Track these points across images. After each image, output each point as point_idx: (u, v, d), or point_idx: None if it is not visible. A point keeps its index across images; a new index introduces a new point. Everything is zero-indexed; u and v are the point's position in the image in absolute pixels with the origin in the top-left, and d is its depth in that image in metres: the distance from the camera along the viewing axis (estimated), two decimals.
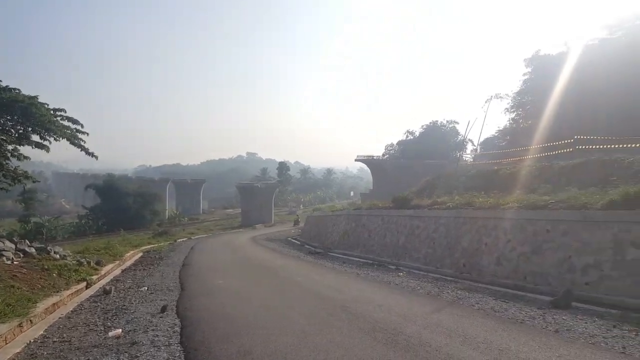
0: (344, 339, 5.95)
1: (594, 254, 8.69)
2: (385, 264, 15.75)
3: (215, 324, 7.02)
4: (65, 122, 15.98)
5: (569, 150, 22.06)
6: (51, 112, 15.60)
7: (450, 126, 73.77)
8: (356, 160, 71.58)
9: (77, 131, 16.25)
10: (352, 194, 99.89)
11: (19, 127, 15.29)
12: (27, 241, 13.96)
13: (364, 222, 19.94)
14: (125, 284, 12.05)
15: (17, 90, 15.27)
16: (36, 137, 15.41)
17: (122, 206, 52.00)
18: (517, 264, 10.43)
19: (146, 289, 11.01)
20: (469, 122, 46.83)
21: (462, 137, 60.70)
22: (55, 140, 15.63)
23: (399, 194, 19.90)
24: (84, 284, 10.87)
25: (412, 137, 76.64)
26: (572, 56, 31.86)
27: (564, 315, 7.38)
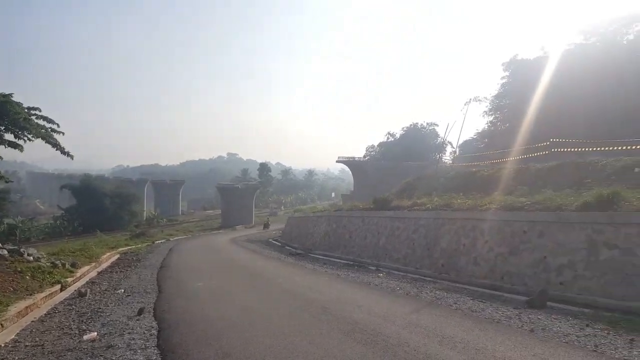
0: (323, 340, 5.96)
1: (568, 255, 8.88)
2: (365, 264, 15.82)
3: (193, 327, 6.94)
4: (40, 121, 15.62)
5: (545, 153, 22.53)
6: (25, 110, 15.23)
7: (430, 128, 74.70)
8: (337, 161, 71.83)
9: (52, 130, 15.90)
10: (333, 195, 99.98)
11: None
12: None
13: (344, 223, 19.99)
14: (101, 286, 11.83)
15: None
16: (10, 136, 15.03)
17: (99, 207, 51.29)
18: (495, 264, 10.60)
19: (123, 291, 10.84)
20: (448, 124, 47.40)
21: (442, 139, 61.45)
22: (29, 139, 15.27)
23: (379, 195, 20.04)
24: (58, 287, 10.63)
25: (392, 139, 77.32)
26: (549, 61, 32.60)
27: (539, 314, 7.53)
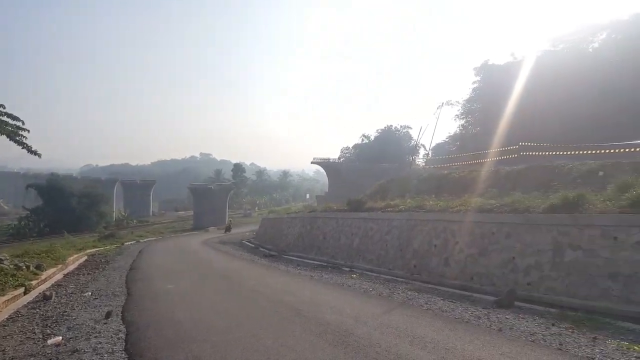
0: (295, 342, 5.93)
1: (535, 256, 9.13)
2: (339, 266, 15.87)
3: (163, 330, 6.80)
4: (4, 118, 15.02)
5: (515, 156, 23.15)
6: None
7: (404, 131, 75.73)
8: (312, 162, 71.92)
9: (17, 128, 15.32)
10: (308, 196, 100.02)
11: None
12: None
13: (319, 224, 20.01)
14: (67, 289, 11.50)
15: None
16: None
17: (66, 207, 50.09)
18: (465, 265, 10.79)
19: (90, 294, 10.57)
20: (421, 127, 48.44)
21: (415, 142, 62.33)
22: None
23: (353, 196, 20.13)
24: (21, 290, 10.28)
25: (367, 141, 77.99)
26: (520, 66, 33.51)
27: (507, 314, 7.70)
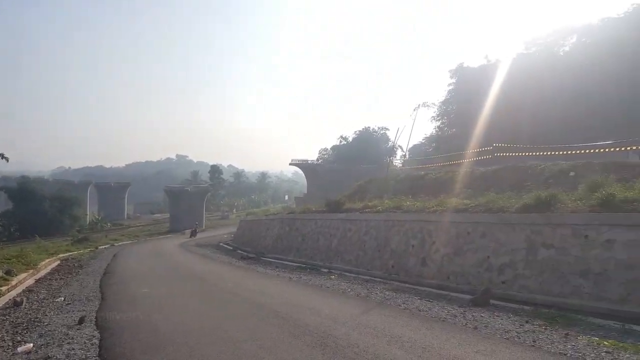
0: (274, 344, 5.91)
1: (509, 254, 9.32)
2: (318, 267, 15.87)
3: (138, 335, 6.68)
4: None
5: (489, 157, 23.60)
6: None
7: (381, 132, 76.24)
8: (290, 164, 71.79)
9: None
10: (286, 197, 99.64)
11: None
12: None
13: (297, 226, 19.97)
14: (39, 294, 11.18)
15: None
16: None
17: (38, 211, 48.70)
18: (442, 265, 10.94)
19: (63, 299, 10.31)
20: (398, 128, 48.76)
21: (393, 143, 62.93)
22: None
23: (332, 197, 20.15)
24: None
25: (345, 142, 78.25)
26: (493, 68, 34.22)
27: (482, 312, 7.84)
